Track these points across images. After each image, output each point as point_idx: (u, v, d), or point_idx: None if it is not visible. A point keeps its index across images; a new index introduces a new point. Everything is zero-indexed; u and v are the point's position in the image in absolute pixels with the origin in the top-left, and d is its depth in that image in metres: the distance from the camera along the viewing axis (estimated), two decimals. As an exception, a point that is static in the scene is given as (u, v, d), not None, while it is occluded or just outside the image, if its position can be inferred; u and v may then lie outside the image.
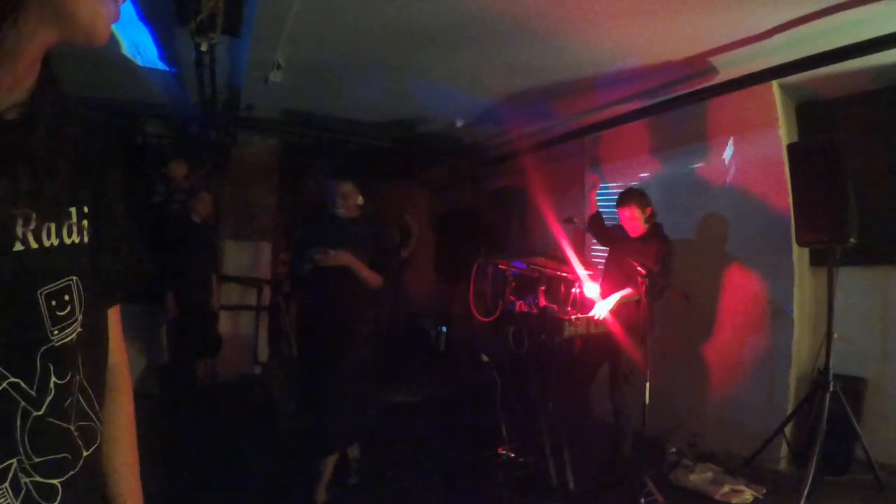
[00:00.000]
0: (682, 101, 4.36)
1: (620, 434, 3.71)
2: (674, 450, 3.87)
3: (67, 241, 0.71)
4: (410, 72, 4.39)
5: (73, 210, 0.73)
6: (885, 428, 3.79)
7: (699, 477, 3.56)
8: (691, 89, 4.26)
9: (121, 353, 0.91)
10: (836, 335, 3.45)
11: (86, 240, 0.75)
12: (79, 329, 0.72)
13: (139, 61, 4.15)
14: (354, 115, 5.64)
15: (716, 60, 3.87)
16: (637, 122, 4.84)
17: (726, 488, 3.38)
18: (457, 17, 3.40)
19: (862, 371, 3.91)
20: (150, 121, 5.55)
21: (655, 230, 3.81)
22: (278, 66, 4.04)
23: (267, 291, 6.15)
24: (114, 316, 0.88)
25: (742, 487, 3.39)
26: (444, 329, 7.24)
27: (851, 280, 3.72)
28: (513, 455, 3.68)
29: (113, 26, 0.73)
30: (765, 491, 3.39)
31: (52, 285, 0.68)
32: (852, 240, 3.30)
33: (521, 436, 3.75)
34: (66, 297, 0.70)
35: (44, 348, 0.67)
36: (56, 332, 0.68)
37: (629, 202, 3.75)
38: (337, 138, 6.01)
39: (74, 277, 0.72)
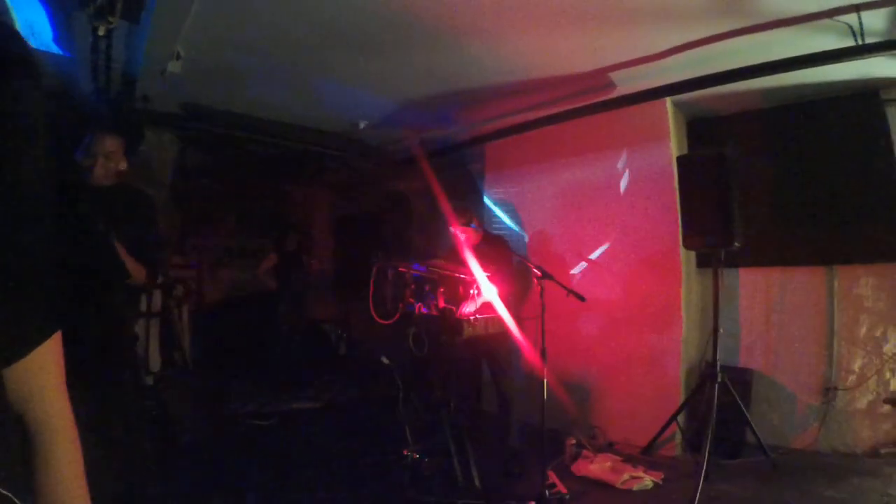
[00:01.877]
0: (580, 113, 4.60)
1: (507, 422, 3.93)
2: (574, 442, 4.01)
3: None
4: (316, 71, 4.31)
5: None
6: (771, 413, 4.23)
7: (599, 466, 3.71)
8: (590, 102, 4.50)
9: (53, 407, 0.67)
10: (721, 330, 3.75)
11: None
12: None
13: (33, 43, 3.77)
14: (257, 112, 5.43)
15: (614, 76, 4.14)
16: (535, 131, 5.02)
17: (626, 475, 3.55)
18: (365, 19, 3.41)
19: (748, 362, 4.34)
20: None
21: (489, 234, 4.12)
22: (178, 57, 3.82)
23: (157, 296, 5.74)
24: (31, 364, 0.64)
25: (641, 474, 3.57)
26: (345, 333, 7.14)
27: (735, 280, 4.08)
28: (417, 456, 3.65)
29: (8, 3, 0.62)
30: (663, 476, 3.60)
31: None
32: (736, 244, 3.61)
33: (425, 436, 3.74)
34: None
35: None
36: None
37: (458, 219, 4.05)
38: (237, 136, 5.76)
39: None
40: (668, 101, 4.36)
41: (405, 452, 3.66)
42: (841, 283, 4.18)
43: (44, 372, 0.64)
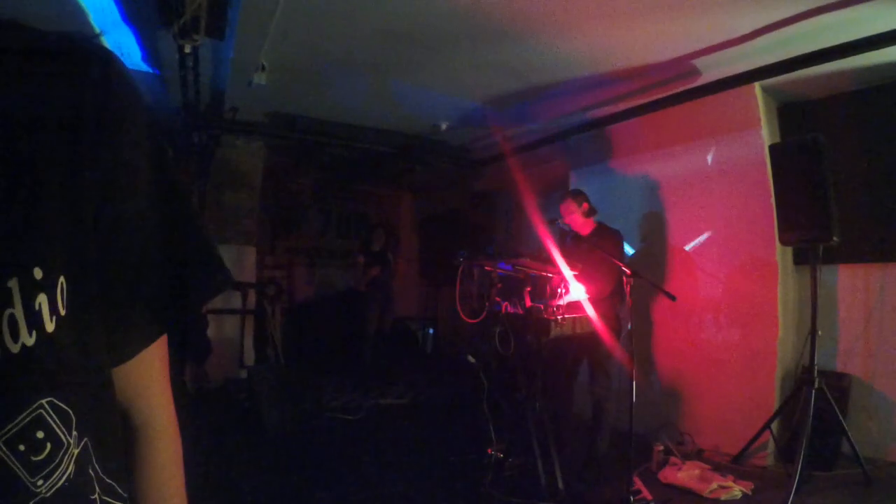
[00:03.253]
0: (665, 103, 4.40)
1: (598, 428, 3.78)
2: (662, 448, 3.89)
3: (29, 341, 0.49)
4: (394, 74, 4.39)
5: (37, 271, 0.50)
6: (870, 423, 3.87)
7: (687, 474, 3.57)
8: (674, 91, 4.30)
9: (158, 405, 0.70)
10: (819, 332, 3.49)
11: (61, 312, 0.52)
12: (73, 460, 0.53)
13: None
14: (339, 117, 5.62)
15: (698, 62, 3.92)
16: (620, 125, 4.87)
17: (714, 485, 3.40)
18: (440, 17, 3.42)
19: (846, 367, 3.99)
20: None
21: (602, 226, 3.96)
22: (263, 69, 4.03)
23: (252, 295, 6.09)
24: (146, 363, 0.66)
25: (730, 484, 3.41)
26: (431, 331, 7.26)
27: (834, 278, 3.78)
28: (501, 456, 3.67)
29: (97, 26, 0.65)
30: (753, 486, 3.42)
31: (10, 427, 0.48)
32: (835, 238, 3.35)
33: (509, 436, 3.76)
34: (40, 435, 0.49)
35: None
36: (40, 482, 0.49)
37: (564, 201, 3.96)
38: (321, 141, 5.98)
39: (46, 400, 0.50)
40: (757, 86, 4.06)
41: (489, 451, 3.70)
42: None
43: (151, 371, 0.67)
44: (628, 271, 3.36)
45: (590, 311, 3.63)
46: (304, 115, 5.55)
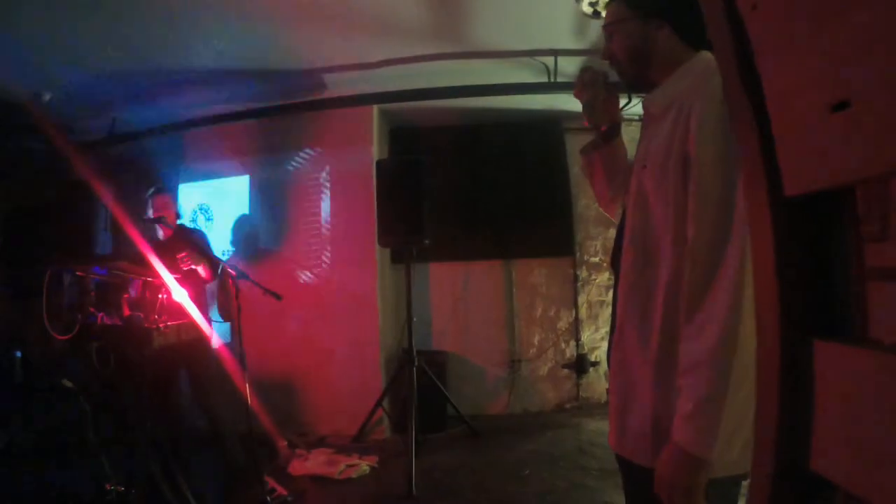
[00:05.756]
0: (290, 110, 4.61)
1: (224, 437, 3.63)
2: (285, 442, 4.02)
3: None
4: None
5: None
6: (466, 388, 4.91)
7: (315, 462, 3.78)
8: (300, 100, 4.53)
9: None
10: (415, 319, 4.16)
11: None
12: None
13: None
14: None
15: (328, 78, 4.27)
16: (240, 124, 4.82)
17: (343, 466, 3.68)
18: None
19: (441, 345, 4.96)
20: None
21: (184, 227, 3.91)
22: None
23: None
24: None
25: (356, 461, 3.75)
26: (19, 354, 5.90)
27: (426, 274, 4.58)
28: (122, 489, 3.24)
29: None
30: (377, 459, 3.84)
31: None
32: (426, 241, 4.06)
33: (127, 465, 3.35)
34: None
35: None
36: None
37: (162, 190, 3.74)
38: None
39: None
40: (375, 108, 4.65)
41: (108, 486, 3.22)
42: (518, 273, 5.16)
43: None
44: (233, 272, 3.34)
45: (195, 314, 3.47)
46: None
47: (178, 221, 3.78)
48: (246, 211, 4.94)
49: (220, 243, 4.84)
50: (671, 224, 1.16)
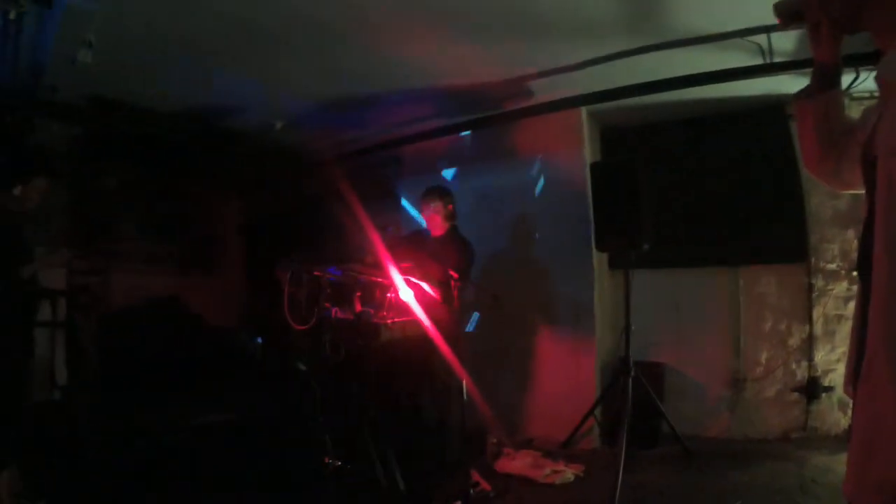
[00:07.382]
0: (498, 120, 4.77)
1: (447, 432, 3.86)
2: (495, 440, 4.10)
3: None
4: (234, 64, 4.14)
5: None
6: (684, 404, 4.51)
7: (521, 462, 3.81)
8: (508, 109, 4.66)
9: None
10: (633, 327, 3.96)
11: None
12: None
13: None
14: (166, 107, 5.17)
15: (533, 84, 4.29)
16: (453, 136, 5.12)
17: (548, 470, 3.66)
18: (272, 17, 3.37)
19: (660, 357, 4.63)
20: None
21: (454, 233, 4.09)
22: (89, 45, 3.60)
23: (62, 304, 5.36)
24: None
25: (562, 468, 3.70)
26: (260, 340, 6.90)
27: (644, 280, 4.33)
28: (339, 463, 3.61)
29: None
30: (583, 468, 3.74)
31: None
32: (645, 246, 3.84)
33: (346, 443, 3.71)
34: None
35: None
36: None
37: (432, 196, 4.05)
38: (145, 131, 5.47)
39: None
40: (583, 110, 4.58)
41: (326, 460, 3.61)
42: (745, 282, 4.59)
43: None
44: (455, 275, 3.50)
45: (420, 314, 3.67)
46: (129, 103, 5.05)
47: (452, 223, 4.08)
48: (462, 218, 5.15)
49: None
50: None
